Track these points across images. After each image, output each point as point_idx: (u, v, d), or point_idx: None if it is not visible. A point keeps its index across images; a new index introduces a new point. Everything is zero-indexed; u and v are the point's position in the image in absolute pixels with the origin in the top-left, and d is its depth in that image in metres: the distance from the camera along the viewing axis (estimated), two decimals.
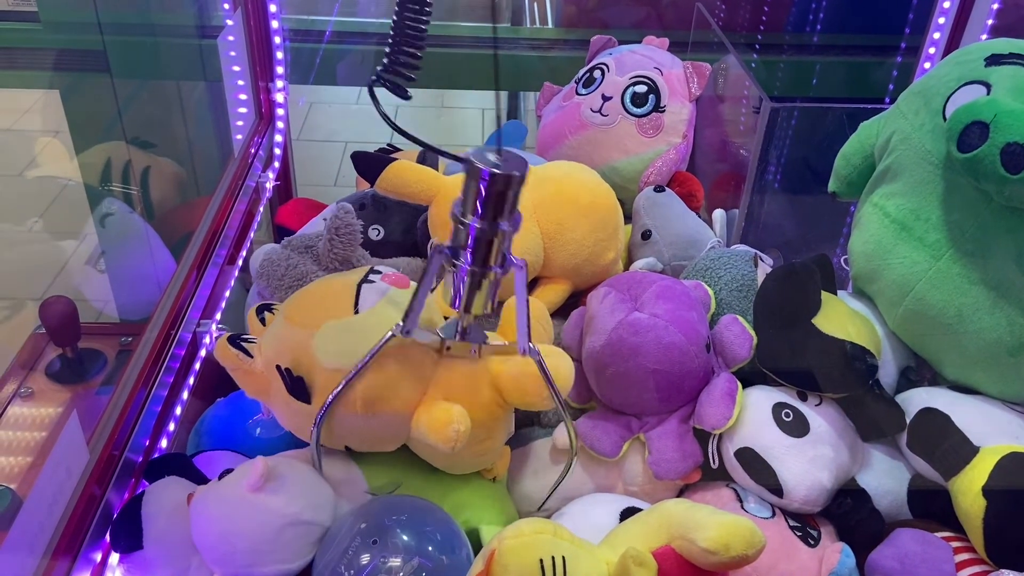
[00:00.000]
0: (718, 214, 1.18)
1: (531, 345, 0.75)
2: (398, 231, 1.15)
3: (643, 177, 1.28)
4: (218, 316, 1.08)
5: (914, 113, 0.90)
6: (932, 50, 1.35)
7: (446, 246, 0.68)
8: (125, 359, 1.16)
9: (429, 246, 1.02)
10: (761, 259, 1.01)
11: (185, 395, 0.96)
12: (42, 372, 1.13)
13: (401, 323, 0.73)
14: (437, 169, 1.15)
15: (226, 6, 1.29)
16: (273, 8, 1.30)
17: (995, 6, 1.31)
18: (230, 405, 0.96)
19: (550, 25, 1.98)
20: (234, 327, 1.19)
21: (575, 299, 1.08)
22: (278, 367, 0.77)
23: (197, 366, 1.00)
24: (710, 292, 0.97)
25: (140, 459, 0.85)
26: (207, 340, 1.02)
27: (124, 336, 1.19)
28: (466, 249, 0.66)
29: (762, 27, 1.75)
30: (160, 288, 1.04)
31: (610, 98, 1.29)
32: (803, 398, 0.87)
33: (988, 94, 0.82)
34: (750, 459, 0.83)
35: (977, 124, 0.77)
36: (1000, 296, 0.81)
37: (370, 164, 1.01)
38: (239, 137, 1.34)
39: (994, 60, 0.85)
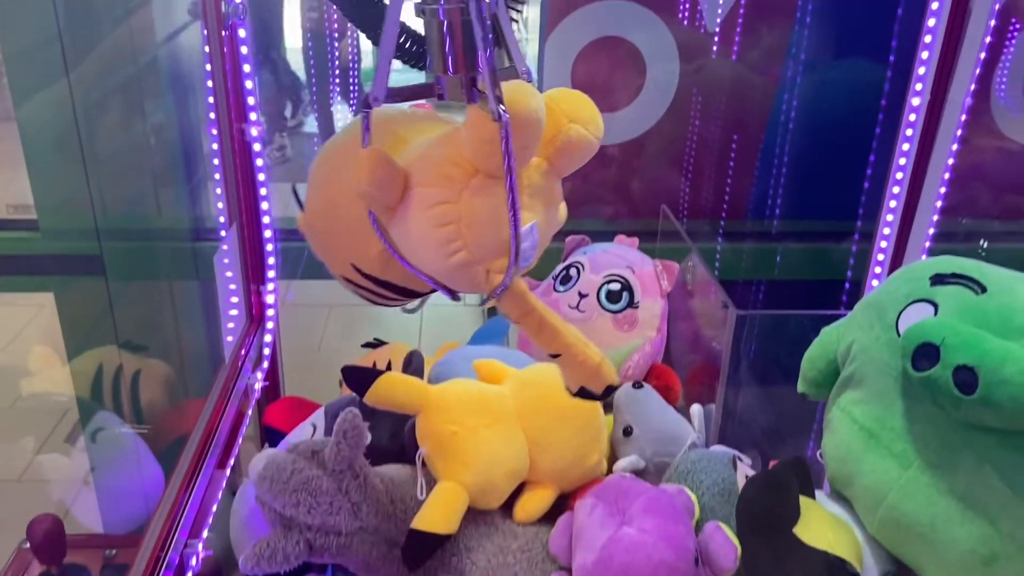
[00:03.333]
0: (695, 410, 1.22)
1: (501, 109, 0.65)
2: (385, 436, 1.17)
3: (622, 370, 1.33)
4: (205, 533, 1.08)
5: (869, 326, 0.97)
6: (883, 243, 1.45)
7: None
8: (109, 574, 1.15)
9: (417, 456, 1.05)
10: (740, 460, 1.05)
11: None
12: None
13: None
14: (423, 375, 1.20)
15: (221, 219, 1.37)
16: (267, 219, 1.37)
17: (939, 203, 1.42)
18: None
19: None
20: (221, 532, 1.19)
21: (562, 501, 1.10)
22: None
23: None
24: (693, 498, 0.99)
25: None
26: (193, 562, 1.02)
27: (108, 549, 1.19)
28: None
29: (725, 214, 1.87)
30: (146, 501, 1.05)
31: (586, 295, 1.36)
32: None
33: (936, 313, 0.89)
34: None
35: (928, 345, 0.83)
36: (968, 507, 0.85)
37: (360, 378, 1.05)
38: (230, 339, 1.38)
39: (938, 280, 0.92)
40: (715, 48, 1.82)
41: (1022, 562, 0.84)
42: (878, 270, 1.46)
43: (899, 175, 1.37)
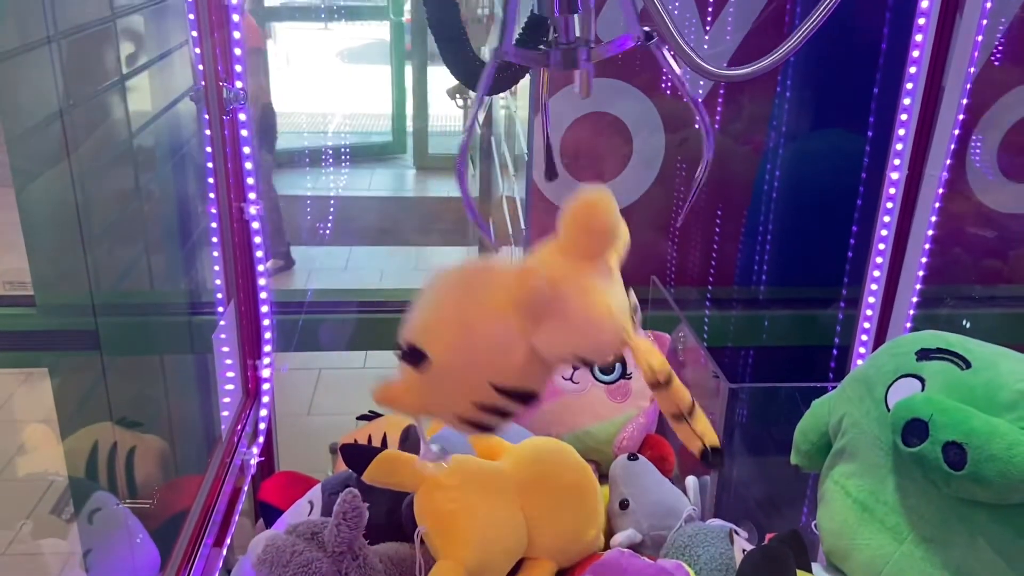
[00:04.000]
0: (691, 481, 1.23)
1: None
2: (382, 513, 1.17)
3: (616, 441, 1.34)
4: None
5: (859, 399, 0.99)
6: (869, 311, 1.48)
7: None
8: None
9: (416, 534, 1.05)
10: (737, 533, 1.06)
11: None
12: None
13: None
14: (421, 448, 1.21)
15: (219, 296, 1.38)
16: (264, 295, 1.39)
17: (920, 273, 1.46)
18: None
19: None
20: None
21: None
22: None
23: None
24: (691, 573, 1.00)
25: None
26: None
27: None
28: None
29: (711, 281, 1.91)
30: None
31: (580, 367, 1.38)
32: None
33: (923, 389, 0.91)
34: None
35: (917, 421, 0.85)
36: None
37: (358, 456, 1.05)
38: (226, 413, 1.39)
39: (924, 355, 0.95)
40: (698, 119, 1.87)
41: None
42: (864, 337, 1.49)
43: (881, 246, 1.42)
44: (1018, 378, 0.86)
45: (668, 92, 1.81)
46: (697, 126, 0.86)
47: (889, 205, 1.44)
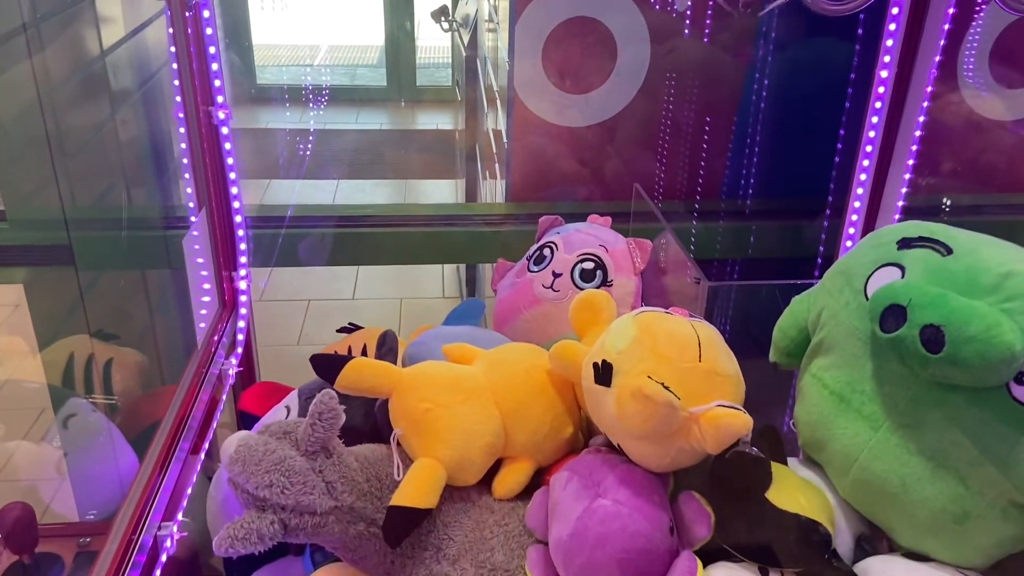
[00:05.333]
0: None
1: None
2: (359, 416, 1.16)
3: None
4: (180, 516, 1.07)
5: (839, 292, 0.97)
6: (854, 216, 1.46)
7: None
8: (83, 562, 1.14)
9: (392, 437, 1.05)
10: None
11: None
12: None
13: None
14: (397, 355, 1.19)
15: (191, 204, 1.35)
16: (237, 204, 1.36)
17: (907, 175, 1.43)
18: None
19: (500, 195, 2.10)
20: (196, 518, 1.18)
21: (538, 478, 1.10)
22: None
23: (158, 573, 0.98)
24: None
25: None
26: (168, 544, 1.02)
27: (82, 537, 1.17)
28: None
29: (699, 194, 1.88)
30: (122, 488, 1.04)
31: (560, 275, 1.36)
32: (764, 573, 0.89)
33: (903, 276, 0.90)
34: None
35: (895, 307, 0.83)
36: (938, 466, 0.86)
37: (328, 366, 1.04)
38: (202, 326, 1.37)
39: (905, 243, 0.93)
40: (686, 30, 1.82)
41: (992, 520, 0.85)
42: (849, 244, 1.47)
43: (868, 148, 1.39)
44: (999, 262, 0.85)
45: (656, 5, 1.76)
46: None
47: (878, 105, 1.40)
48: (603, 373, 0.93)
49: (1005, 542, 0.87)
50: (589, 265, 1.36)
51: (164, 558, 1.01)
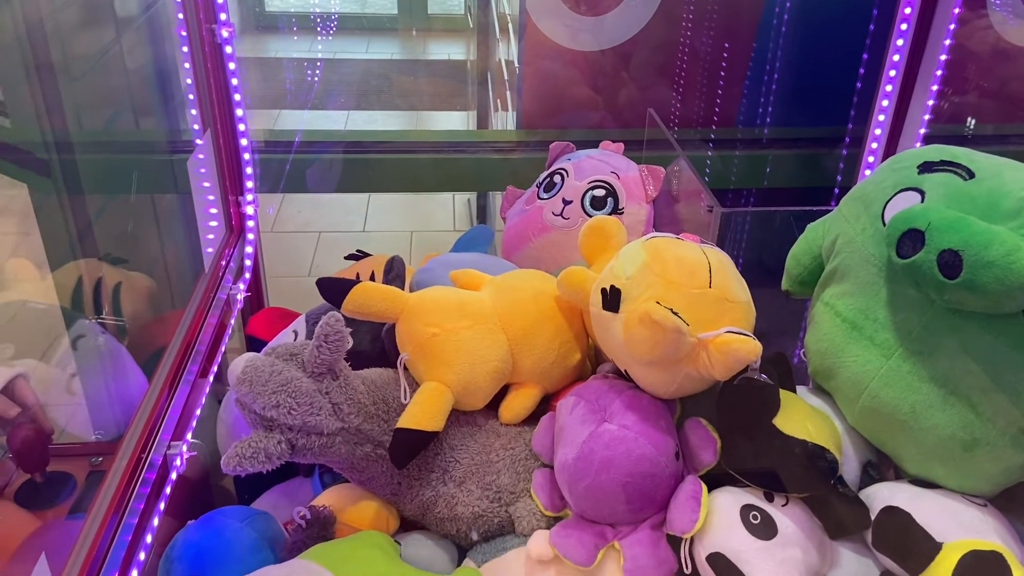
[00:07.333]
0: None
1: None
2: (366, 341, 1.16)
3: None
4: (189, 436, 1.08)
5: (855, 217, 0.95)
6: (874, 144, 1.42)
7: None
8: (95, 481, 1.15)
9: (399, 361, 1.04)
10: None
11: (156, 521, 0.95)
12: (10, 498, 1.11)
13: None
14: (404, 280, 1.18)
15: (196, 127, 1.33)
16: (242, 127, 1.34)
17: (930, 102, 1.39)
18: (202, 528, 0.95)
19: (512, 127, 2.06)
20: (207, 440, 1.19)
21: (545, 404, 1.10)
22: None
23: (168, 490, 1.00)
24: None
25: None
26: (178, 463, 1.02)
27: (94, 456, 1.18)
28: None
29: (715, 123, 1.83)
30: (133, 407, 1.05)
31: (570, 202, 1.34)
32: (770, 499, 0.89)
33: (923, 201, 0.87)
34: (721, 566, 0.85)
35: (913, 231, 0.81)
36: (950, 393, 0.85)
37: (335, 289, 1.03)
38: (210, 250, 1.37)
39: (926, 167, 0.90)
40: None
41: (1002, 447, 0.84)
42: (868, 173, 1.43)
43: (892, 72, 1.34)
44: (1022, 186, 0.82)
45: None
46: None
47: (900, 41, 1.35)
48: (611, 299, 0.92)
49: (1013, 470, 0.86)
50: (600, 192, 1.33)
51: (174, 476, 1.02)
